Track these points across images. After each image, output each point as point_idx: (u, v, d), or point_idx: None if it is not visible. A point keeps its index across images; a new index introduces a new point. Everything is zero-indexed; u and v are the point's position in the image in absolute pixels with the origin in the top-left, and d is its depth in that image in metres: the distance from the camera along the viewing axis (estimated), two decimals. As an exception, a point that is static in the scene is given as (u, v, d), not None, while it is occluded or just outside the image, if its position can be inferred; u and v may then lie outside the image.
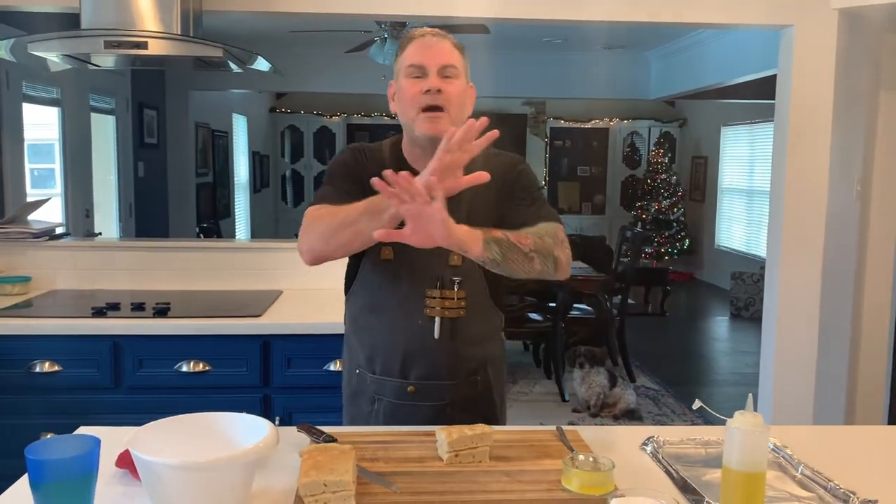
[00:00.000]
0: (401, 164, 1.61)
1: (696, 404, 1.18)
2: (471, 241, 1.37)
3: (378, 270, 1.60)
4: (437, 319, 1.57)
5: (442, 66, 1.54)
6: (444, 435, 1.31)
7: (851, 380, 3.55)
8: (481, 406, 1.65)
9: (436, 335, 1.58)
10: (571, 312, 5.14)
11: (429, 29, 1.60)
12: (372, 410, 1.63)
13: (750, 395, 1.07)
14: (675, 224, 9.65)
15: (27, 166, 4.67)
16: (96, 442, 1.07)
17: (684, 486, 1.25)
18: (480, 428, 1.33)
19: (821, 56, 3.20)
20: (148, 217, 6.74)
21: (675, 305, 8.09)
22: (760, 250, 8.30)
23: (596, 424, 3.46)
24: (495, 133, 1.39)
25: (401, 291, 1.59)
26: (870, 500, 1.18)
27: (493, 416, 1.68)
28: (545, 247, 1.49)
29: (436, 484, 1.23)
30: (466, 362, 1.63)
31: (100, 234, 5.40)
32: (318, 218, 1.50)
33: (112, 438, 1.22)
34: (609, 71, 7.75)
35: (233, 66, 2.82)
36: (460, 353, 1.61)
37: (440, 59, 1.54)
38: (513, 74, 7.58)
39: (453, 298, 1.57)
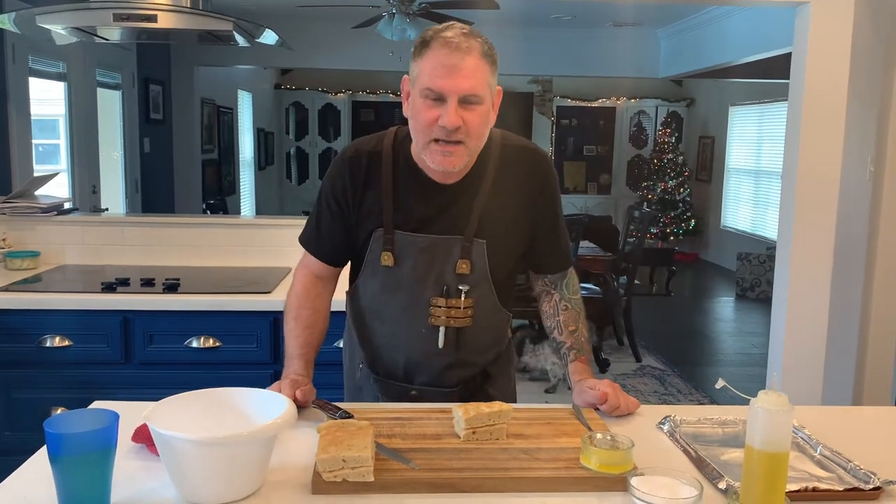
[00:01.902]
0: (410, 169, 1.49)
1: (720, 383, 1.17)
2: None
3: (379, 276, 1.52)
4: (442, 329, 1.50)
5: (463, 95, 1.35)
6: (461, 412, 1.31)
7: (860, 361, 3.54)
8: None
9: (440, 345, 1.51)
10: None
11: (453, 32, 1.37)
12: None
13: (774, 374, 1.06)
14: (681, 204, 9.62)
15: (33, 141, 4.64)
16: (115, 416, 1.06)
17: (703, 466, 1.25)
18: (498, 405, 1.32)
19: (836, 34, 3.16)
20: (154, 193, 6.73)
21: (680, 286, 8.08)
22: (767, 231, 8.28)
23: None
24: None
25: (403, 299, 1.51)
26: (891, 481, 1.18)
27: None
28: (577, 307, 1.64)
29: (453, 461, 1.22)
30: (471, 369, 1.58)
31: (106, 209, 5.39)
32: (294, 293, 1.61)
33: (127, 413, 1.21)
34: (618, 49, 7.68)
35: (240, 39, 2.78)
36: (465, 361, 1.56)
37: (462, 87, 1.34)
38: (520, 51, 7.51)
39: (459, 308, 1.49)
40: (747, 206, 8.98)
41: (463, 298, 1.49)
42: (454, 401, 1.54)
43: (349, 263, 1.62)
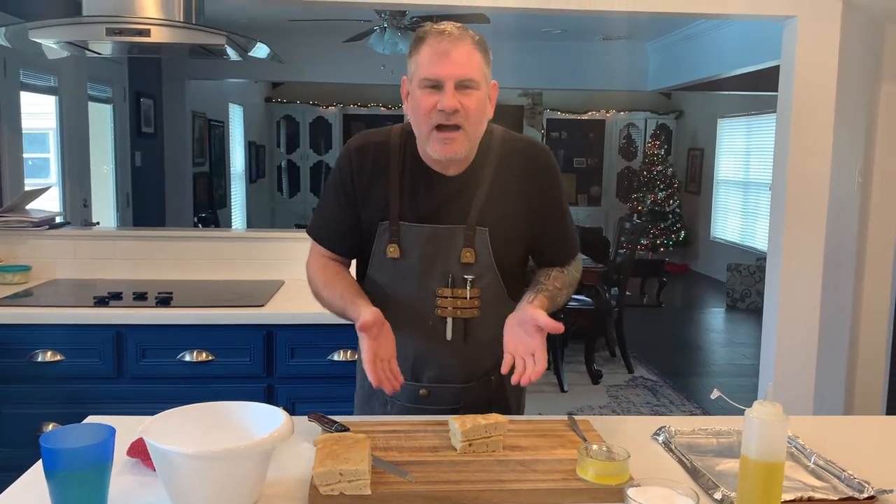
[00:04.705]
0: (416, 162, 1.51)
1: (715, 394, 1.18)
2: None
3: (385, 269, 1.52)
4: (449, 320, 1.50)
5: (459, 79, 1.39)
6: (457, 424, 1.31)
7: (850, 370, 3.56)
8: (495, 408, 1.54)
9: (448, 336, 1.50)
10: (570, 303, 5.14)
11: (445, 26, 1.42)
12: (384, 413, 1.58)
13: (770, 384, 1.07)
14: (670, 216, 9.66)
15: (24, 155, 4.63)
16: (111, 431, 1.06)
17: (698, 476, 1.25)
18: (494, 417, 1.33)
19: (824, 47, 3.20)
20: (145, 207, 6.71)
21: (670, 297, 8.11)
22: (756, 242, 8.32)
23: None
24: None
25: (410, 290, 1.51)
26: (885, 490, 1.18)
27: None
28: (571, 279, 1.60)
29: (450, 473, 1.23)
30: (481, 363, 1.55)
31: (97, 223, 5.36)
32: (315, 272, 1.57)
33: (121, 427, 1.21)
34: (608, 62, 7.73)
35: (232, 53, 2.79)
36: (474, 354, 1.54)
37: (457, 72, 1.38)
38: (510, 65, 7.52)
39: (466, 298, 1.49)
40: (736, 217, 9.03)
41: (469, 288, 1.49)
42: (467, 399, 1.52)
43: (357, 263, 1.62)
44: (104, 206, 6.02)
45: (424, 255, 1.49)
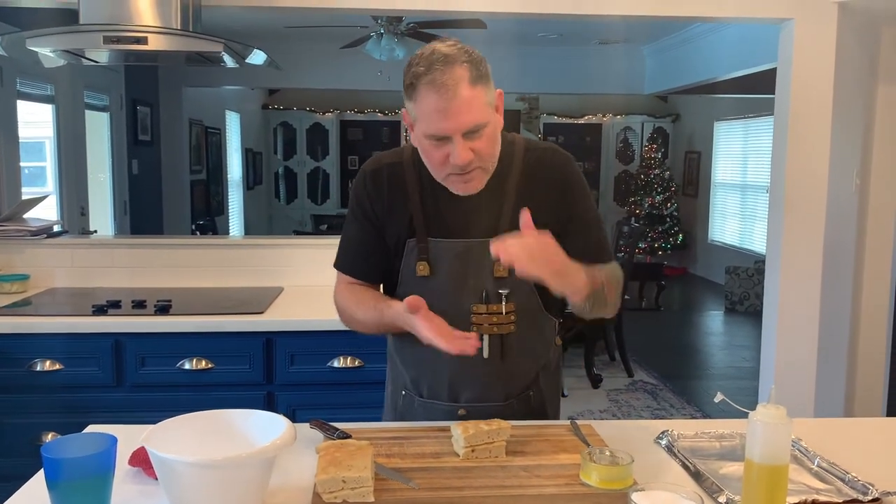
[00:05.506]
0: (433, 182, 1.45)
1: (718, 397, 1.17)
2: (575, 292, 1.37)
3: (416, 288, 1.45)
4: (486, 337, 1.45)
5: (466, 130, 1.32)
6: (460, 430, 1.30)
7: (850, 372, 3.56)
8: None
9: (485, 354, 1.46)
10: (569, 307, 5.14)
11: (437, 66, 1.31)
12: None
13: (772, 386, 1.06)
14: (668, 219, 9.67)
15: (21, 164, 4.62)
16: (113, 440, 1.05)
17: (702, 480, 1.25)
18: (497, 423, 1.32)
19: (820, 49, 3.21)
20: (143, 215, 6.70)
21: (669, 300, 8.11)
22: (754, 245, 8.33)
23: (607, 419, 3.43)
24: None
25: (443, 309, 1.42)
26: (889, 492, 1.18)
27: None
28: (615, 277, 1.49)
29: (453, 479, 1.22)
30: (520, 379, 1.52)
31: (95, 231, 5.36)
32: (344, 297, 1.53)
33: (122, 436, 1.20)
34: (604, 66, 7.74)
35: (228, 60, 2.79)
36: (512, 371, 1.50)
37: (463, 122, 1.31)
38: (507, 70, 7.55)
39: (501, 313, 1.44)
40: (734, 220, 9.04)
41: (504, 303, 1.45)
42: (507, 418, 1.42)
43: (385, 283, 1.58)
44: (101, 214, 6.02)
45: (456, 270, 1.45)
